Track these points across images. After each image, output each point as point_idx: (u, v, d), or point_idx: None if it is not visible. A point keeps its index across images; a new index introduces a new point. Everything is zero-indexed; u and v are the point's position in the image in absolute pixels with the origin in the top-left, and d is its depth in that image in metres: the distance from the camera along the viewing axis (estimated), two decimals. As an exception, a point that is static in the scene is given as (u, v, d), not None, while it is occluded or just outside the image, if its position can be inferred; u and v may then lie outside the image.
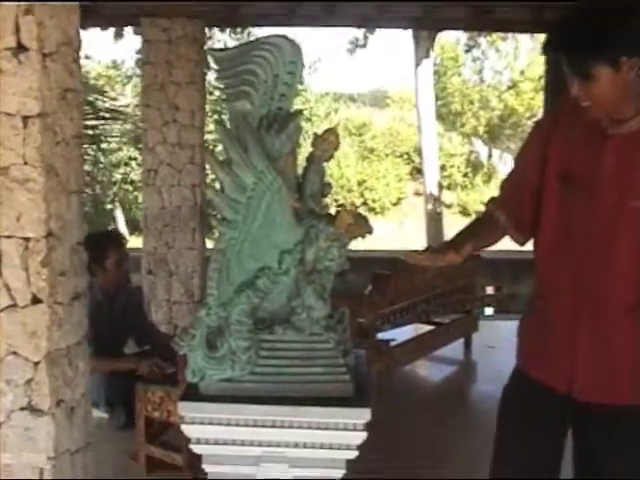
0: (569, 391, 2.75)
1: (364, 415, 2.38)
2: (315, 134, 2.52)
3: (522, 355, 2.98)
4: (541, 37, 15.16)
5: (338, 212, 2.43)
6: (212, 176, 8.30)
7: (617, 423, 2.73)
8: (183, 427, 2.47)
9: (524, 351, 2.97)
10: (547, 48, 2.67)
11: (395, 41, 30.44)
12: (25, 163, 2.89)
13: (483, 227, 3.01)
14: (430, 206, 18.67)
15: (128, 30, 9.27)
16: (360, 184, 26.50)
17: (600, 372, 2.72)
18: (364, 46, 17.22)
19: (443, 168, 24.62)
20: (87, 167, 14.93)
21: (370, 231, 2.44)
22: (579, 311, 2.69)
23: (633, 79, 2.54)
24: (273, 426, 2.41)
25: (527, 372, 2.91)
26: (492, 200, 3.01)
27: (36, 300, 2.95)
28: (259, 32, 16.06)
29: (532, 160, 2.82)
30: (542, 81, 12.44)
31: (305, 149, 2.62)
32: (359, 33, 16.93)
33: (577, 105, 2.64)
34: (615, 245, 2.62)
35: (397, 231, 23.24)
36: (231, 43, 16.86)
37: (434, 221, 18.56)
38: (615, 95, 2.54)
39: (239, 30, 16.07)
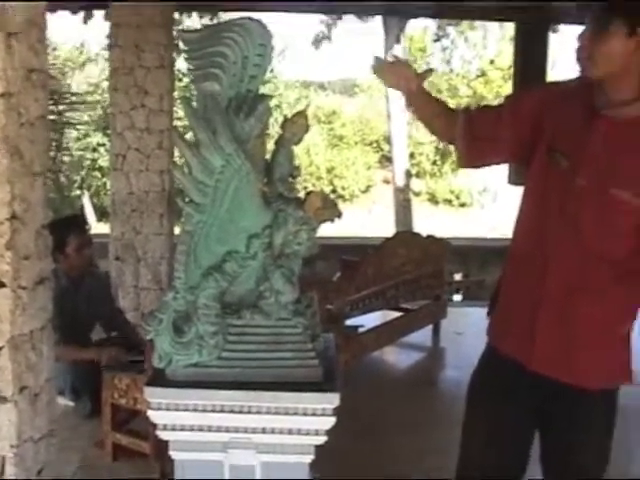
0: (529, 363, 2.75)
1: (333, 400, 2.36)
2: (285, 117, 2.49)
3: (491, 327, 2.98)
4: (510, 26, 15.21)
5: (307, 195, 2.41)
6: (181, 160, 8.28)
7: (578, 403, 2.75)
8: (150, 413, 2.44)
9: (492, 323, 2.98)
10: None
11: (365, 29, 30.39)
12: (-12, 144, 2.84)
13: (442, 107, 3.00)
14: (399, 194, 18.69)
15: (99, 13, 9.18)
16: (329, 172, 26.51)
17: (560, 348, 2.73)
18: (329, 39, 17.39)
19: (412, 156, 24.68)
20: (53, 153, 14.80)
21: (339, 215, 2.42)
22: (546, 285, 2.69)
23: None
24: (241, 412, 2.39)
25: (495, 346, 2.92)
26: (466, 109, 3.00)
27: (-1, 284, 2.91)
28: (228, 17, 16.01)
29: (526, 111, 2.80)
30: (511, 70, 12.46)
31: (274, 134, 2.60)
32: (323, 27, 17.13)
33: (575, 85, 2.66)
34: (586, 227, 2.62)
35: (366, 218, 23.23)
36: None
37: (403, 209, 18.58)
38: (618, 61, 2.53)
39: (208, 16, 15.97)
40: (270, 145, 2.53)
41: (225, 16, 15.44)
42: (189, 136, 2.38)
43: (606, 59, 2.53)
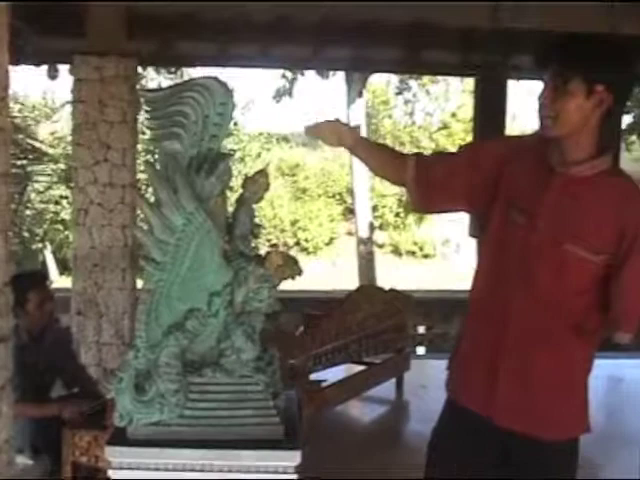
0: (490, 416, 2.77)
1: (294, 458, 2.36)
2: (245, 176, 2.52)
3: (451, 381, 3.00)
4: (470, 80, 15.43)
5: (268, 253, 2.42)
6: (142, 216, 8.26)
7: (540, 455, 2.76)
8: (110, 472, 2.42)
9: (452, 376, 2.99)
10: (546, 51, 2.66)
11: (328, 82, 30.70)
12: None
13: (388, 153, 3.01)
14: (362, 246, 18.77)
15: (64, 69, 9.22)
16: (293, 224, 26.58)
17: (520, 400, 2.75)
18: (290, 94, 17.53)
19: (375, 208, 24.82)
20: (15, 206, 14.72)
21: (299, 272, 2.44)
22: (505, 339, 2.72)
23: (599, 119, 2.59)
24: (202, 470, 2.38)
25: (455, 399, 2.93)
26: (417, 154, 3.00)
27: (-40, 343, 2.89)
28: (193, 72, 16.11)
29: (484, 163, 2.81)
30: (472, 123, 12.63)
31: (237, 190, 2.62)
32: (284, 82, 17.29)
33: (533, 141, 2.70)
34: (543, 282, 2.66)
35: (330, 271, 23.28)
36: (165, 83, 16.84)
37: (366, 261, 18.66)
38: (577, 120, 2.57)
39: (173, 70, 16.07)
40: (232, 202, 2.55)
41: (190, 71, 15.57)
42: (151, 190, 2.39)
43: (567, 118, 2.56)
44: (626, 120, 12.06)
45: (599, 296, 2.66)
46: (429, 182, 2.83)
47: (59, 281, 16.24)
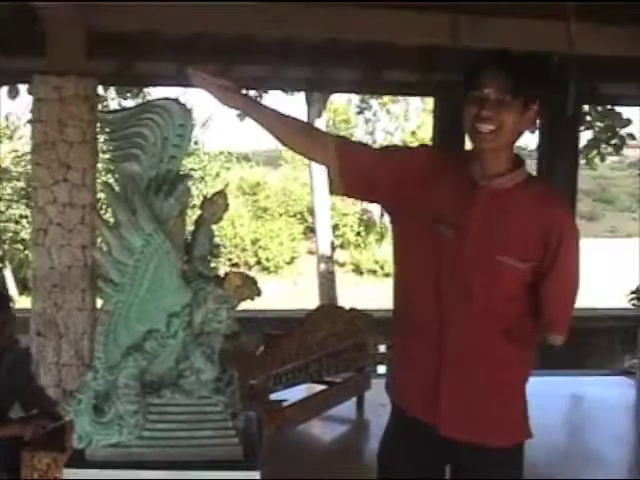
0: (434, 425, 2.80)
1: (253, 477, 2.37)
2: (204, 197, 2.53)
3: (394, 390, 3.03)
4: (430, 99, 15.55)
5: (226, 274, 2.44)
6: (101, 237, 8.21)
7: (487, 462, 2.81)
8: (69, 494, 2.42)
9: (394, 386, 3.03)
10: (489, 60, 2.69)
11: (288, 102, 30.75)
12: None
13: (298, 124, 2.91)
14: (323, 265, 18.80)
15: (24, 88, 9.18)
16: (254, 243, 26.57)
17: (464, 410, 2.79)
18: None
19: (336, 227, 24.90)
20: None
21: (259, 293, 2.45)
22: (444, 351, 2.75)
23: (518, 135, 2.68)
24: (161, 491, 2.38)
25: (402, 410, 2.95)
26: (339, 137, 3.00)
27: None
28: (153, 91, 16.07)
29: (410, 167, 2.82)
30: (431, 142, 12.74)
31: (196, 210, 2.63)
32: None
33: (452, 155, 2.80)
34: (476, 293, 2.70)
35: (291, 290, 23.29)
36: (126, 103, 16.78)
37: (327, 280, 18.68)
38: (512, 133, 2.65)
39: (134, 90, 16.01)
40: (190, 223, 2.56)
41: (150, 90, 15.54)
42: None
43: (506, 131, 2.62)
44: (587, 136, 12.15)
45: (529, 302, 2.74)
46: (351, 170, 2.83)
47: (19, 301, 16.07)
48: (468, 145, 2.79)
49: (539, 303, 2.73)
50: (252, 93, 17.07)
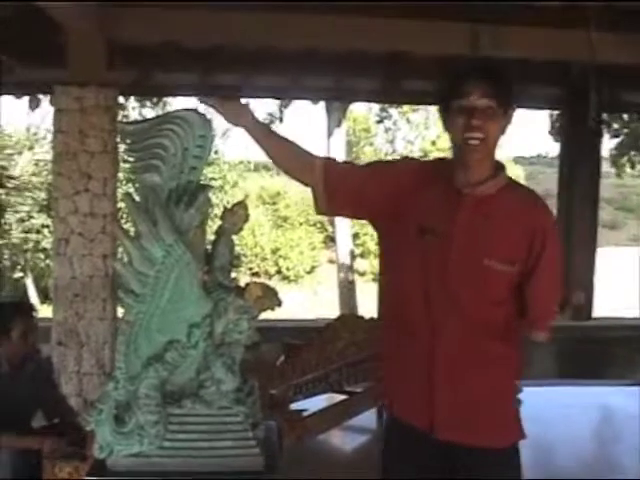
0: (431, 430, 2.80)
1: (274, 488, 2.37)
2: (225, 207, 2.54)
3: (387, 397, 3.04)
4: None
5: (247, 285, 2.44)
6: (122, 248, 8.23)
7: (485, 464, 2.81)
8: (90, 504, 2.42)
9: (387, 393, 3.04)
10: (471, 69, 2.72)
11: (309, 111, 30.86)
12: None
13: (292, 147, 2.91)
14: (343, 274, 18.76)
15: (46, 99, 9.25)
16: (274, 252, 26.55)
17: (459, 413, 2.79)
18: (281, 120, 17.18)
19: (356, 236, 24.84)
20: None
21: (279, 304, 2.46)
22: (436, 356, 2.77)
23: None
24: (182, 501, 2.38)
25: (397, 417, 2.96)
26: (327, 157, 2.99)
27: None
28: (174, 102, 16.13)
29: (401, 179, 2.84)
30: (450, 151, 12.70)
31: (216, 220, 2.63)
32: (274, 107, 17.03)
33: (434, 166, 2.85)
34: (466, 298, 2.73)
35: (311, 299, 23.27)
36: (146, 112, 16.85)
37: (347, 289, 18.65)
38: (496, 140, 2.69)
39: (155, 100, 16.06)
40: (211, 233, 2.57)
41: (171, 100, 15.59)
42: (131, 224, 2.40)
43: (492, 140, 2.67)
44: (613, 143, 12.10)
45: (515, 303, 2.78)
46: (337, 189, 2.86)
47: (40, 310, 16.13)
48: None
49: (523, 302, 2.78)
50: (273, 103, 17.18)
